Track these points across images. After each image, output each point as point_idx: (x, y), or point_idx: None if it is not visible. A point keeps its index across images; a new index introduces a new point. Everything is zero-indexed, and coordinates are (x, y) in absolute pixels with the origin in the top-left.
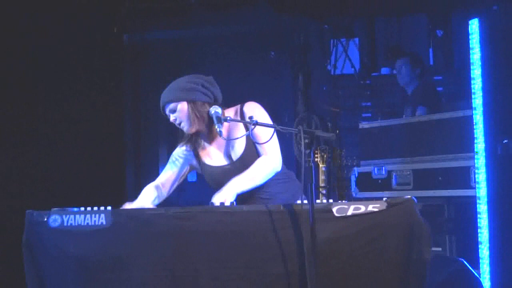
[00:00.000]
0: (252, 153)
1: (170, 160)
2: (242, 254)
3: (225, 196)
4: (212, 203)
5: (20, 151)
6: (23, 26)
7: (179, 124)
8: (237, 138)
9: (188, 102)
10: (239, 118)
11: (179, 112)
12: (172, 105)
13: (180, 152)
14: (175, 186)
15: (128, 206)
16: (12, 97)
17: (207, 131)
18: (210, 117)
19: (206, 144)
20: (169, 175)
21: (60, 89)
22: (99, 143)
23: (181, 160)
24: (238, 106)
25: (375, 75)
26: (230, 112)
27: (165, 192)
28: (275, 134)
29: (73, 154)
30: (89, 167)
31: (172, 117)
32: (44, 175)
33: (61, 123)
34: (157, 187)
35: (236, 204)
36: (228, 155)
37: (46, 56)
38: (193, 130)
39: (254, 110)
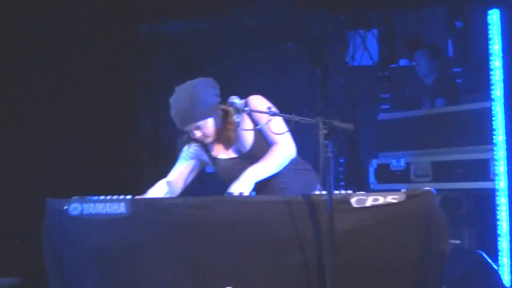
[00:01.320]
0: (261, 145)
1: (181, 156)
2: (259, 244)
3: (243, 186)
4: (230, 193)
5: (42, 142)
6: (40, 20)
7: (203, 138)
8: (248, 130)
9: (213, 117)
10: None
11: (206, 129)
12: (200, 123)
13: (190, 147)
14: (187, 181)
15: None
16: (30, 91)
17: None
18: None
19: (215, 140)
20: (180, 170)
21: (78, 82)
22: (117, 134)
23: (192, 156)
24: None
25: (394, 66)
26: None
27: (177, 189)
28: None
29: (92, 144)
30: (107, 158)
31: (198, 134)
32: (65, 165)
33: (80, 115)
34: (169, 183)
35: (254, 194)
36: (237, 149)
37: (64, 50)
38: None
39: (261, 102)
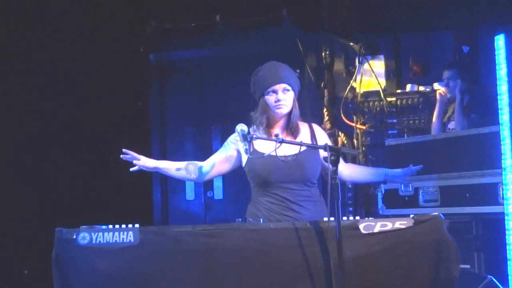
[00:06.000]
0: (307, 156)
1: (223, 145)
2: (269, 272)
3: None
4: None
5: (50, 170)
6: (56, 46)
7: (279, 104)
8: (263, 154)
9: (295, 93)
10: (309, 131)
11: (289, 97)
12: (290, 88)
13: (234, 136)
14: (215, 170)
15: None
16: (41, 118)
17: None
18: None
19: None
20: (215, 156)
21: (88, 108)
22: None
23: (232, 145)
24: (308, 124)
25: (401, 92)
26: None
27: (205, 172)
28: None
29: (101, 172)
30: (116, 185)
31: (282, 96)
32: (73, 193)
33: (89, 141)
34: (194, 163)
35: (262, 221)
36: (285, 150)
37: (74, 77)
38: (284, 116)
39: (319, 131)
